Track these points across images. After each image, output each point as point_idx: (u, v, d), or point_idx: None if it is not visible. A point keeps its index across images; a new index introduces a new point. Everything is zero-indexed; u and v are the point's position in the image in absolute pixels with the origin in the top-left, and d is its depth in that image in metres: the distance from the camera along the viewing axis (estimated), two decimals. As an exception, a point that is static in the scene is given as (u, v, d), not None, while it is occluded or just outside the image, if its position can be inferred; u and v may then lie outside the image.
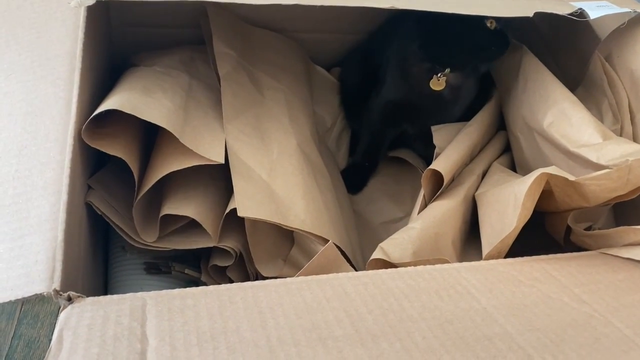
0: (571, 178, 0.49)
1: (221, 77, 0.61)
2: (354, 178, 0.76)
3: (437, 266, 0.45)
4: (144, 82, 0.57)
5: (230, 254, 0.56)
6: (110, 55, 0.70)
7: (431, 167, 0.59)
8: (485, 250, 0.53)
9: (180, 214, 0.54)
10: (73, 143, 0.46)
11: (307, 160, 0.60)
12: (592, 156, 0.52)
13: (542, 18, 0.62)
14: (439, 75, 0.65)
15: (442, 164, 0.59)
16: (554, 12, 0.58)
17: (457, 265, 0.45)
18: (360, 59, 0.79)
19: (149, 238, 0.55)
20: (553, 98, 0.60)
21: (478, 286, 0.42)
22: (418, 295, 0.40)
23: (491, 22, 0.61)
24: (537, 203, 0.51)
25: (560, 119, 0.58)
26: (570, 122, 0.57)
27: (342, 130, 0.81)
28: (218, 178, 0.55)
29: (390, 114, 0.72)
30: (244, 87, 0.63)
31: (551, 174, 0.49)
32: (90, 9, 0.55)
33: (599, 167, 0.51)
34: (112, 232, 0.61)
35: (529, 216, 0.51)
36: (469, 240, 0.60)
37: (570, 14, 0.58)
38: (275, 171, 0.56)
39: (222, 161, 0.53)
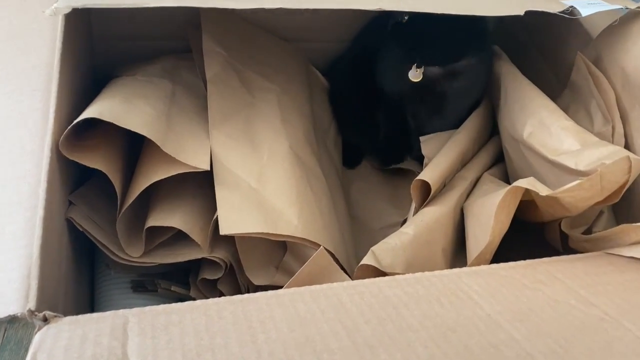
0: (543, 193, 0.48)
1: (208, 80, 0.59)
2: (388, 156, 0.76)
3: (436, 272, 0.43)
4: (125, 90, 0.55)
5: (220, 265, 0.54)
6: (93, 68, 0.69)
7: (419, 177, 0.57)
8: (469, 262, 0.52)
9: (166, 225, 0.51)
10: (50, 155, 0.45)
11: (300, 163, 0.58)
12: (571, 162, 0.51)
13: (533, 17, 0.61)
14: (415, 67, 0.65)
15: (430, 174, 0.58)
16: (545, 10, 0.57)
17: (457, 270, 0.43)
18: (350, 66, 0.78)
19: (135, 253, 0.53)
20: (531, 108, 0.60)
21: (480, 292, 0.40)
22: (418, 303, 0.38)
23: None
24: (524, 214, 0.51)
25: (539, 129, 0.57)
26: (550, 132, 0.56)
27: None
28: (206, 186, 0.53)
29: (392, 106, 0.71)
30: (232, 89, 0.61)
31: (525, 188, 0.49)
32: (68, 20, 0.54)
33: (578, 172, 0.50)
34: (98, 250, 0.58)
35: (505, 229, 0.50)
36: (461, 248, 0.59)
37: (562, 12, 0.57)
38: (266, 176, 0.54)
39: (207, 168, 0.51)
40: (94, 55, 0.71)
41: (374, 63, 0.73)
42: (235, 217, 0.50)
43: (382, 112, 0.75)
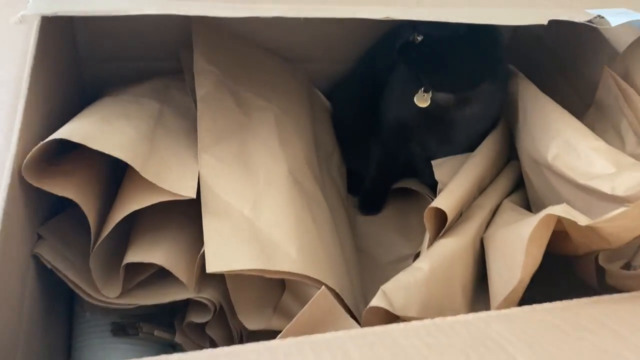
0: (582, 222, 0.43)
1: (199, 99, 0.55)
2: (370, 202, 0.73)
3: (460, 317, 0.36)
4: (105, 110, 0.51)
5: (208, 307, 0.48)
6: (83, 90, 0.65)
7: (433, 205, 0.53)
8: (494, 302, 0.46)
9: (146, 262, 0.46)
10: (10, 182, 0.40)
11: (300, 189, 0.53)
12: (606, 187, 0.46)
13: (551, 32, 0.57)
14: (422, 91, 0.61)
15: (446, 201, 0.53)
16: (570, 19, 0.52)
17: (483, 314, 0.37)
18: (354, 88, 0.74)
19: (112, 293, 0.48)
20: (555, 128, 0.55)
21: (513, 341, 0.34)
22: (440, 356, 0.32)
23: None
24: (553, 246, 0.45)
25: (565, 150, 0.53)
26: (577, 153, 0.51)
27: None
28: (194, 216, 0.48)
29: (397, 131, 0.67)
30: (226, 109, 0.56)
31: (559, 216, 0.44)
32: (43, 32, 0.50)
33: (616, 199, 0.45)
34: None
35: (537, 265, 0.44)
36: (480, 286, 0.53)
37: (589, 22, 0.52)
38: (261, 204, 0.49)
39: (193, 195, 0.46)
40: (83, 77, 0.67)
41: (379, 86, 0.69)
42: (225, 251, 0.44)
43: (376, 149, 0.71)
